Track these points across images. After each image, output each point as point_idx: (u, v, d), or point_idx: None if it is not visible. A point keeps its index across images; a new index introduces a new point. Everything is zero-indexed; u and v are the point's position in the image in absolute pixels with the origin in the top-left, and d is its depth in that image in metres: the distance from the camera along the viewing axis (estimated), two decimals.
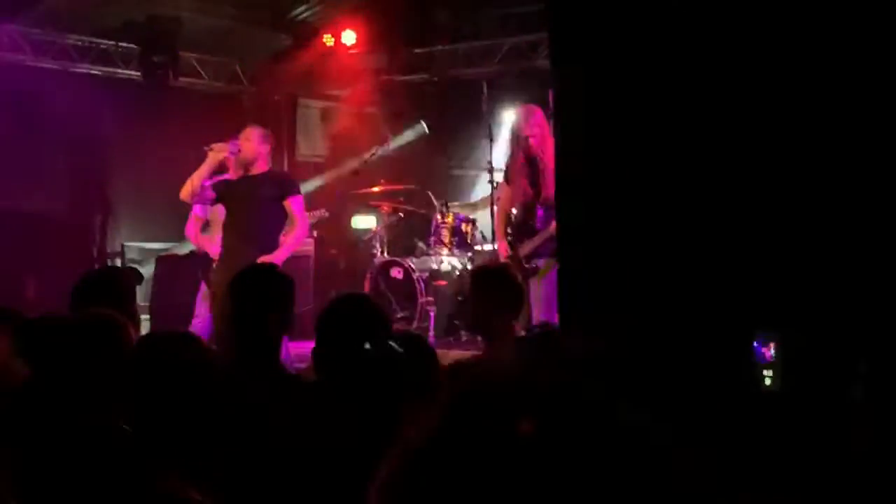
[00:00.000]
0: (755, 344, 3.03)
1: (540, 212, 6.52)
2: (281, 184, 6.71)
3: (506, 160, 6.89)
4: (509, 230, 6.74)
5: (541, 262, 6.39)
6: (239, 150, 6.59)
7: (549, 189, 6.25)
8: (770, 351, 2.94)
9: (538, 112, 6.53)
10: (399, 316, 8.44)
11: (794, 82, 3.42)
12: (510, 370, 0.96)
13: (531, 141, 6.45)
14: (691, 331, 3.41)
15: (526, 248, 6.56)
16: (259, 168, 6.63)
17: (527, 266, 6.42)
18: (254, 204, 6.54)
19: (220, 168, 6.83)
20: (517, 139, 6.57)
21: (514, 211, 6.70)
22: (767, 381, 2.91)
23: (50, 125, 9.26)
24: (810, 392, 2.89)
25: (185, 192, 6.65)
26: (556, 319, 5.87)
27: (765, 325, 3.12)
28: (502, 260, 6.59)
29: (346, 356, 2.97)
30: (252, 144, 6.62)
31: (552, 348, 3.36)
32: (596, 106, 3.96)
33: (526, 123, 6.51)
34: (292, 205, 6.63)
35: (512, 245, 6.64)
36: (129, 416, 2.26)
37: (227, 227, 6.69)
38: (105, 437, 2.13)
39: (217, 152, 6.59)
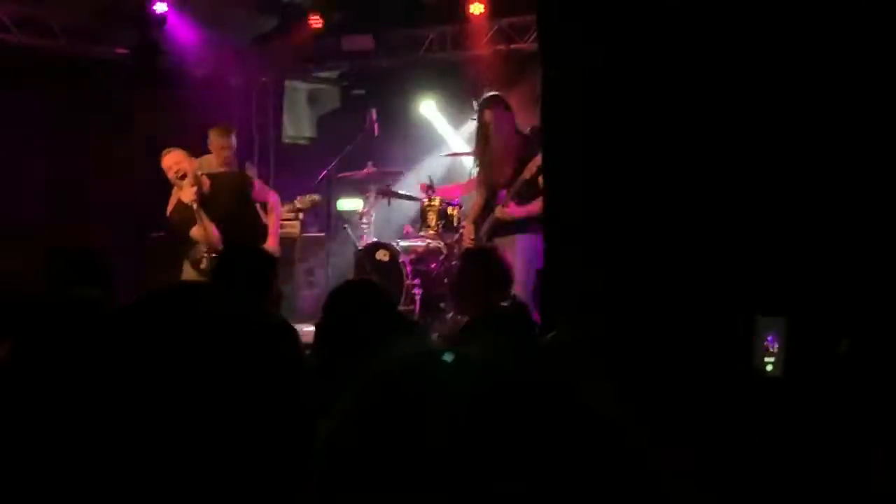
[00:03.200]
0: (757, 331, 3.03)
1: (502, 193, 6.91)
2: (235, 191, 6.75)
3: (474, 149, 7.21)
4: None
5: (507, 242, 6.55)
6: (183, 176, 6.53)
7: (503, 174, 6.80)
8: (772, 337, 2.94)
9: (499, 100, 6.98)
10: None
11: (791, 63, 3.41)
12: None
13: (492, 128, 6.87)
14: (692, 317, 3.41)
15: (486, 224, 6.95)
16: (189, 193, 6.58)
17: (489, 245, 6.68)
18: (222, 220, 6.57)
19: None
20: (480, 126, 7.02)
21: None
22: (769, 368, 2.91)
23: (32, 104, 9.21)
24: (813, 378, 2.89)
25: (215, 244, 6.60)
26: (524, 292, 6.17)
27: (767, 310, 3.12)
28: (466, 243, 7.08)
29: (354, 341, 2.99)
30: (183, 167, 6.60)
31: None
32: (584, 89, 3.96)
33: (488, 111, 6.94)
34: (257, 194, 6.76)
35: (476, 228, 7.07)
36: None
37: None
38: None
39: (191, 193, 6.54)
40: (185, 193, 6.53)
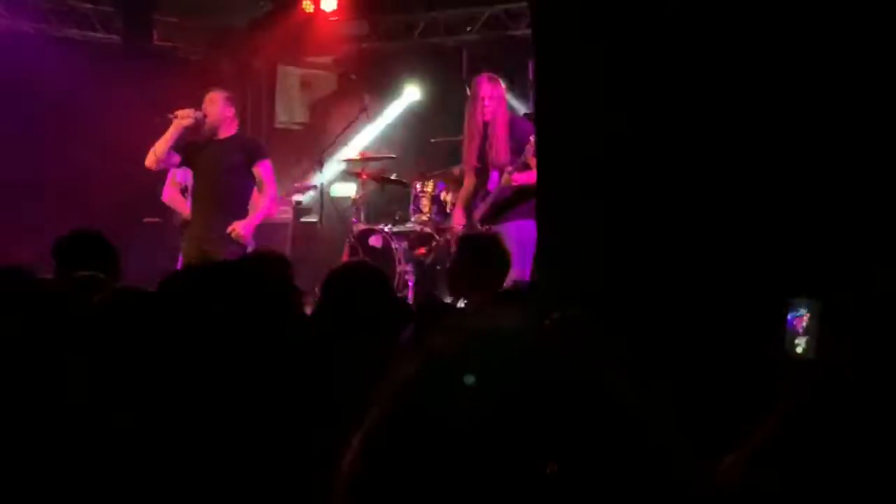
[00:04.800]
0: (787, 312, 3.00)
1: (495, 175, 6.88)
2: (248, 150, 6.69)
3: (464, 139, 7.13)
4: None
5: (501, 228, 6.53)
6: (204, 117, 6.57)
7: (502, 153, 6.72)
8: (803, 318, 2.93)
9: (496, 80, 6.91)
10: None
11: (800, 44, 3.38)
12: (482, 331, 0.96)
13: (485, 103, 6.78)
14: (719, 296, 3.38)
15: (479, 210, 6.94)
16: (225, 132, 6.61)
17: (483, 231, 6.65)
18: (221, 170, 6.53)
19: (188, 134, 6.81)
20: (473, 103, 6.89)
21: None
22: (800, 349, 2.89)
23: (24, 88, 9.17)
24: (847, 359, 2.86)
25: (150, 160, 6.64)
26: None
27: (797, 289, 3.09)
28: (457, 229, 7.08)
29: (350, 322, 3.02)
30: (216, 108, 6.59)
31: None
32: (577, 76, 3.96)
33: (480, 88, 6.85)
34: (261, 171, 6.65)
35: (468, 213, 7.05)
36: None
37: (195, 193, 6.69)
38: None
39: (181, 119, 6.55)
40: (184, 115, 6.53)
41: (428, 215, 8.52)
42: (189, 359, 1.64)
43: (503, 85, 6.94)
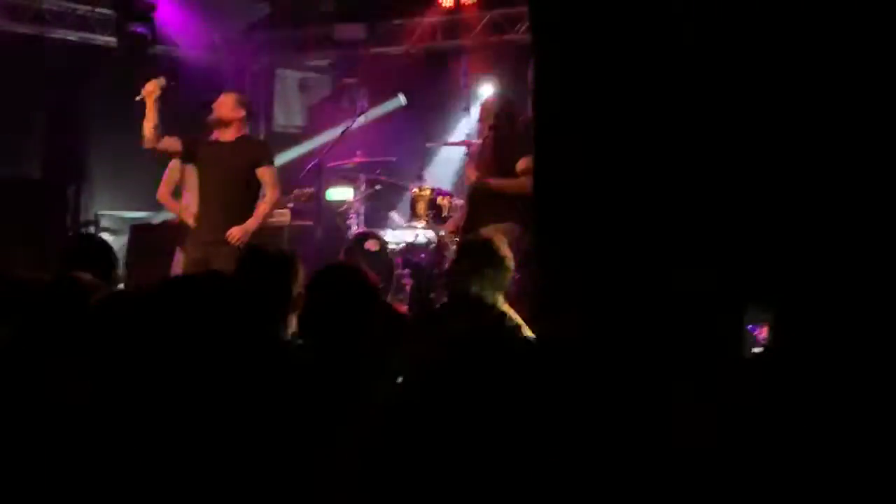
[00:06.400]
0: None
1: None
2: (254, 152, 6.69)
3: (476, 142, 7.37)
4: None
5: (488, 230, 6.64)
6: (166, 84, 6.58)
7: (505, 162, 6.81)
8: (762, 327, 2.94)
9: (497, 100, 7.17)
10: None
11: (778, 41, 3.40)
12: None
13: (486, 125, 6.99)
14: (681, 308, 3.40)
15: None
16: (234, 134, 6.61)
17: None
18: (226, 171, 6.53)
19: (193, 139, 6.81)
20: (478, 125, 7.22)
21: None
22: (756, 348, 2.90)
23: (25, 91, 9.18)
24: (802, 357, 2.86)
25: (144, 140, 6.63)
26: None
27: (758, 299, 3.10)
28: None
29: (334, 325, 3.03)
30: (226, 109, 6.59)
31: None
32: (575, 81, 3.96)
33: (482, 111, 7.13)
34: (265, 174, 6.64)
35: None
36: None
37: (200, 192, 6.69)
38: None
39: (149, 93, 6.55)
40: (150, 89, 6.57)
41: (425, 219, 8.52)
42: (176, 363, 1.64)
43: (512, 106, 7.06)
